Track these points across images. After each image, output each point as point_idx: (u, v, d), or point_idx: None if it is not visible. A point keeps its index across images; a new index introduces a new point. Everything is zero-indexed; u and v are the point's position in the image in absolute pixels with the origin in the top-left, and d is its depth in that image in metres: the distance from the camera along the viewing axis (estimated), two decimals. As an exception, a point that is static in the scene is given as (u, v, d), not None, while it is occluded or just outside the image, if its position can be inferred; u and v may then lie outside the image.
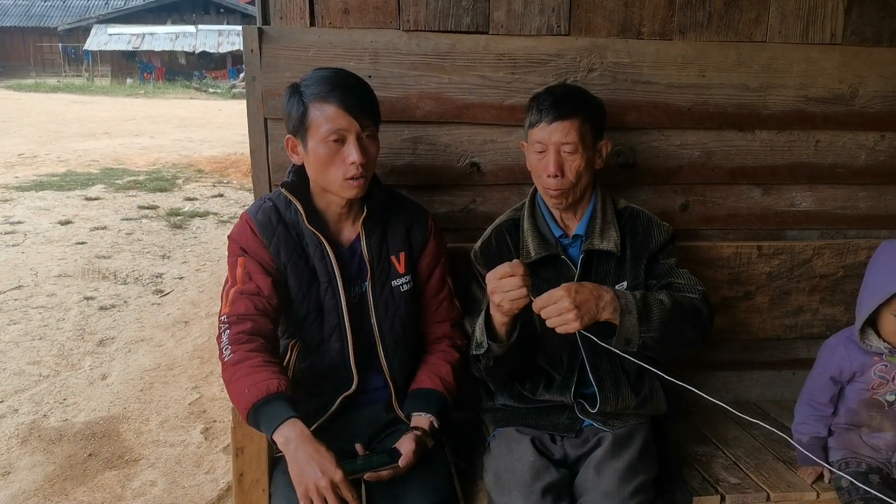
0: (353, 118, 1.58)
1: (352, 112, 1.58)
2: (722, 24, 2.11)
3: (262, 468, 1.66)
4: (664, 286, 1.77)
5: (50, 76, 31.01)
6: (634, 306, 1.57)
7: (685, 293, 1.74)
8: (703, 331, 1.73)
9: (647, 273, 1.81)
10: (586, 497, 1.61)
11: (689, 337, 1.69)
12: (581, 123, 1.71)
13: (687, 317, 1.67)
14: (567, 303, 1.48)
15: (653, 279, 1.81)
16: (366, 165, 1.61)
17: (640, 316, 1.57)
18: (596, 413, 1.77)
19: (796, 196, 2.29)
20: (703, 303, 1.73)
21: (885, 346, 1.82)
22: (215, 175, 9.99)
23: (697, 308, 1.71)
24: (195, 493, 2.77)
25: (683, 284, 1.77)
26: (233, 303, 1.60)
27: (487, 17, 2.02)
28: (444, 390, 1.73)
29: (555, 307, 1.48)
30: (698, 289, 1.76)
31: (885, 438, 1.84)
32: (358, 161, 1.58)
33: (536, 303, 1.50)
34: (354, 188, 1.62)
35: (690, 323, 1.67)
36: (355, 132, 1.59)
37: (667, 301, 1.64)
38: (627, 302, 1.57)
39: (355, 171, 1.59)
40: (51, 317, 4.66)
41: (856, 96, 2.20)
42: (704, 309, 1.72)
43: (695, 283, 1.77)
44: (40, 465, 2.96)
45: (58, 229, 6.81)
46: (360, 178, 1.61)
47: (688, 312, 1.67)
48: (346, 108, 1.57)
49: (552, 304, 1.49)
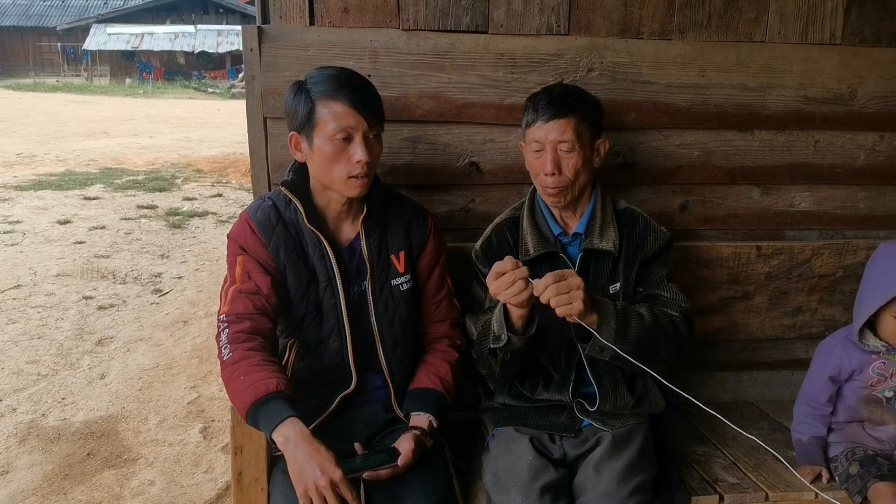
0: (362, 116, 1.59)
1: (360, 110, 1.59)
2: (721, 24, 2.11)
3: (260, 467, 1.66)
4: (649, 297, 1.78)
5: (49, 76, 31.02)
6: (613, 317, 1.58)
7: (668, 308, 1.75)
8: (679, 349, 1.74)
9: (638, 279, 1.81)
10: (585, 497, 1.61)
11: (662, 354, 1.71)
12: (577, 121, 1.71)
13: (663, 334, 1.68)
14: (578, 279, 1.48)
15: (641, 286, 1.81)
16: (371, 164, 1.62)
17: (617, 328, 1.58)
18: (595, 412, 1.77)
19: (795, 196, 2.29)
20: (683, 321, 1.74)
21: (882, 344, 1.83)
22: (214, 175, 9.99)
23: (676, 326, 1.72)
24: (194, 492, 2.77)
25: (669, 299, 1.78)
26: (232, 302, 1.60)
27: (487, 17, 2.02)
28: (444, 390, 1.73)
29: (565, 284, 1.48)
30: (682, 305, 1.77)
31: (887, 431, 1.85)
32: (364, 160, 1.59)
33: (538, 286, 1.48)
34: (358, 187, 1.63)
35: (666, 340, 1.69)
36: (363, 131, 1.60)
37: (647, 317, 1.66)
38: (607, 312, 1.58)
39: (361, 170, 1.60)
40: (49, 316, 4.66)
41: (855, 96, 2.20)
42: (683, 328, 1.74)
43: (680, 300, 1.78)
44: (39, 464, 2.95)
45: (56, 229, 6.81)
46: (364, 177, 1.62)
47: (665, 330, 1.69)
48: (355, 107, 1.58)
49: (563, 280, 1.47)
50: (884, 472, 1.74)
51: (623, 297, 1.79)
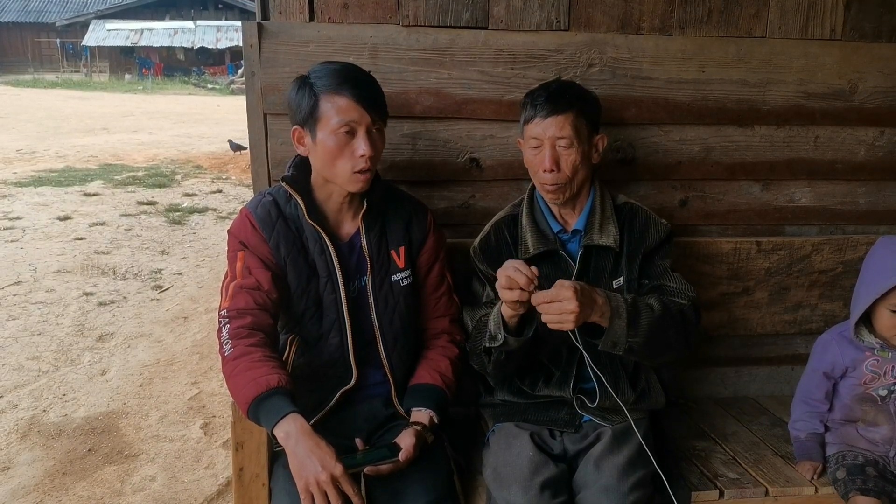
0: (365, 111, 1.59)
1: (364, 105, 1.59)
2: (722, 20, 2.11)
3: (261, 463, 1.67)
4: (655, 288, 1.78)
5: (48, 72, 30.96)
6: (625, 310, 1.58)
7: (675, 298, 1.75)
8: (688, 338, 1.74)
9: (641, 271, 1.81)
10: (585, 492, 1.62)
11: (673, 344, 1.71)
12: (575, 118, 1.71)
13: (674, 323, 1.68)
14: (573, 305, 1.47)
15: (646, 279, 1.81)
16: (374, 159, 1.62)
17: (628, 321, 1.58)
18: (595, 408, 1.77)
19: (795, 192, 2.29)
20: (692, 310, 1.74)
21: (877, 341, 1.83)
22: (214, 171, 9.99)
23: (685, 315, 1.72)
24: (195, 487, 2.77)
25: (675, 288, 1.78)
26: (232, 297, 1.60)
27: (487, 13, 2.02)
28: (444, 386, 1.73)
29: (558, 305, 1.48)
30: (689, 294, 1.77)
31: (880, 432, 1.85)
32: (368, 154, 1.59)
33: (535, 297, 1.49)
34: (360, 182, 1.63)
35: (675, 330, 1.69)
36: (366, 125, 1.60)
37: (656, 307, 1.65)
38: (618, 306, 1.58)
39: (364, 164, 1.60)
40: (50, 312, 4.66)
41: (855, 92, 2.20)
42: (692, 316, 1.74)
43: (686, 289, 1.78)
44: (40, 460, 2.96)
45: (56, 225, 6.81)
46: (367, 172, 1.62)
47: (675, 319, 1.69)
48: (359, 101, 1.58)
49: (558, 301, 1.48)
50: (867, 486, 1.74)
51: (627, 291, 1.79)
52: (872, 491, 1.73)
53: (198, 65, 30.97)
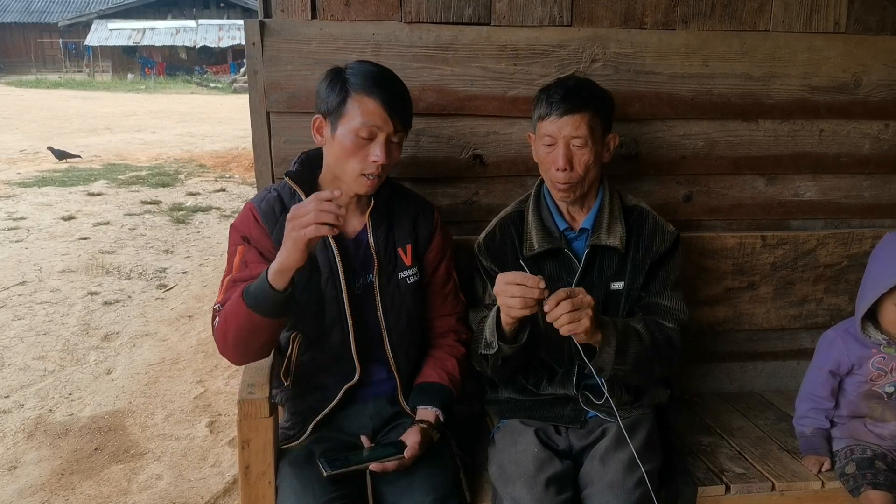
0: (390, 118, 1.59)
1: (390, 112, 1.59)
2: (725, 14, 2.10)
3: (267, 461, 1.66)
4: (649, 305, 1.79)
5: (51, 72, 31.03)
6: (615, 338, 1.59)
7: (665, 321, 1.76)
8: (671, 365, 1.80)
9: (644, 282, 1.80)
10: (591, 488, 1.62)
11: (657, 371, 1.78)
12: (591, 117, 1.69)
13: (659, 353, 1.71)
14: (589, 298, 1.48)
15: (643, 291, 1.81)
16: (385, 167, 1.62)
17: (617, 349, 1.59)
18: (601, 404, 1.77)
19: (800, 186, 2.28)
20: (678, 335, 1.77)
21: (883, 338, 1.82)
22: (217, 170, 9.99)
23: (671, 341, 1.75)
24: (201, 486, 2.78)
25: (668, 309, 1.79)
26: (226, 291, 1.61)
27: (489, 9, 2.02)
28: (451, 385, 1.74)
29: (578, 300, 1.47)
30: (681, 317, 1.79)
31: (888, 428, 1.85)
32: (381, 161, 1.59)
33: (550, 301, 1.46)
34: (366, 185, 1.63)
35: (661, 358, 1.73)
36: (387, 132, 1.60)
37: (645, 336, 1.67)
38: (609, 334, 1.59)
39: (374, 170, 1.60)
40: (55, 312, 4.67)
41: (859, 85, 2.19)
42: (677, 342, 1.77)
43: (679, 311, 1.80)
44: (46, 459, 2.97)
45: (61, 225, 6.82)
46: (376, 178, 1.62)
47: (661, 348, 1.72)
48: (387, 108, 1.58)
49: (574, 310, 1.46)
50: (878, 480, 1.74)
51: (626, 296, 1.79)
52: (884, 485, 1.72)
53: (200, 64, 30.98)
